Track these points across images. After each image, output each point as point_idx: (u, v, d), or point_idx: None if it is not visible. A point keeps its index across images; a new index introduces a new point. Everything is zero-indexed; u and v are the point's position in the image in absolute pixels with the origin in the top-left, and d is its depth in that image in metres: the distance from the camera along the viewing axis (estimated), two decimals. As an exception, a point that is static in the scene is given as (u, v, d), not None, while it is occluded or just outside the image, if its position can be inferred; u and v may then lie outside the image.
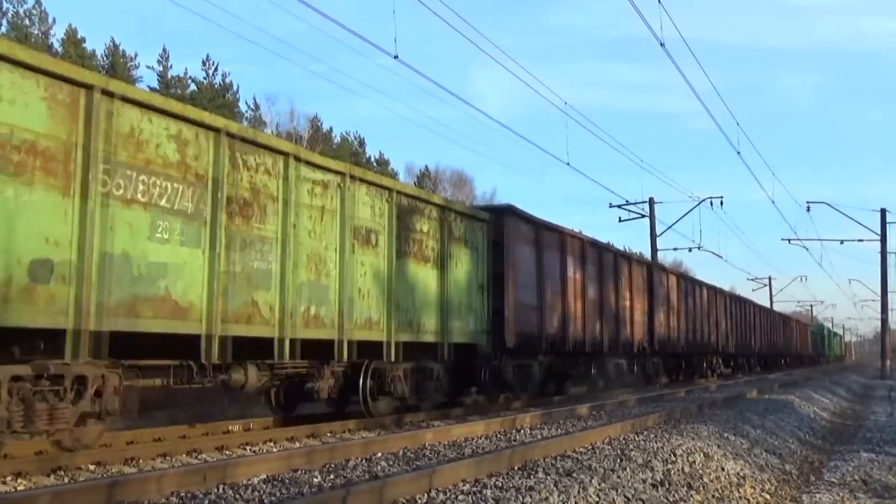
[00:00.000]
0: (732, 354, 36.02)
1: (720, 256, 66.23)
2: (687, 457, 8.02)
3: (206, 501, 5.62)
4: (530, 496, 5.61)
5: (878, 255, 39.18)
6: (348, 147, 52.50)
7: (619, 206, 37.06)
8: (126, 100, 7.78)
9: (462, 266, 13.99)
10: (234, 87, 46.64)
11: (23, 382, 6.92)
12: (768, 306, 51.69)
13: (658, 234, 36.92)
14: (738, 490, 7.49)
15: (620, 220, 37.60)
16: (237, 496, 5.83)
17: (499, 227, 15.10)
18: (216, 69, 45.67)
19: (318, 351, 10.47)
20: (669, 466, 7.51)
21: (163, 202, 8.08)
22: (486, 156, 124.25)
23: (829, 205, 38.16)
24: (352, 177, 11.04)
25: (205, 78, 45.31)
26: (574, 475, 6.49)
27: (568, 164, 26.29)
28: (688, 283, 28.31)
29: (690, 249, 39.71)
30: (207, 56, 46.20)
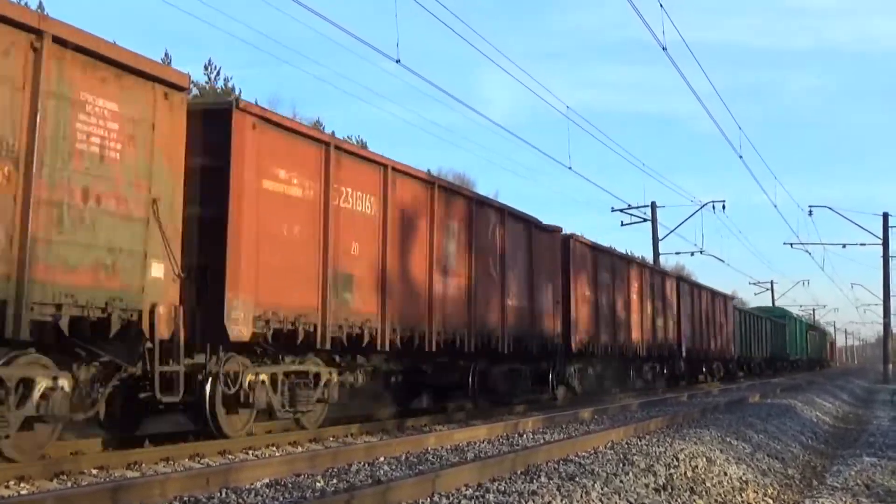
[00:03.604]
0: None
1: (722, 260, 66.24)
2: (689, 461, 8.02)
3: (210, 506, 5.63)
4: (533, 500, 5.62)
5: (881, 259, 39.27)
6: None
7: (621, 210, 37.18)
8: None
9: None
10: (237, 92, 46.63)
11: None
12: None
13: (660, 238, 37.01)
14: (740, 495, 7.49)
15: (623, 224, 37.73)
16: (240, 500, 5.84)
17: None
18: (218, 73, 45.63)
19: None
20: (672, 471, 7.52)
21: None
22: (488, 159, 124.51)
23: (831, 209, 38.11)
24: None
25: (207, 82, 45.35)
26: (577, 479, 6.50)
27: (570, 167, 26.17)
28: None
29: (693, 253, 39.60)
30: (210, 60, 46.21)
